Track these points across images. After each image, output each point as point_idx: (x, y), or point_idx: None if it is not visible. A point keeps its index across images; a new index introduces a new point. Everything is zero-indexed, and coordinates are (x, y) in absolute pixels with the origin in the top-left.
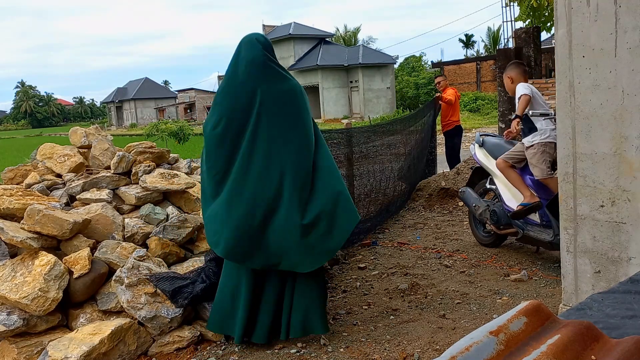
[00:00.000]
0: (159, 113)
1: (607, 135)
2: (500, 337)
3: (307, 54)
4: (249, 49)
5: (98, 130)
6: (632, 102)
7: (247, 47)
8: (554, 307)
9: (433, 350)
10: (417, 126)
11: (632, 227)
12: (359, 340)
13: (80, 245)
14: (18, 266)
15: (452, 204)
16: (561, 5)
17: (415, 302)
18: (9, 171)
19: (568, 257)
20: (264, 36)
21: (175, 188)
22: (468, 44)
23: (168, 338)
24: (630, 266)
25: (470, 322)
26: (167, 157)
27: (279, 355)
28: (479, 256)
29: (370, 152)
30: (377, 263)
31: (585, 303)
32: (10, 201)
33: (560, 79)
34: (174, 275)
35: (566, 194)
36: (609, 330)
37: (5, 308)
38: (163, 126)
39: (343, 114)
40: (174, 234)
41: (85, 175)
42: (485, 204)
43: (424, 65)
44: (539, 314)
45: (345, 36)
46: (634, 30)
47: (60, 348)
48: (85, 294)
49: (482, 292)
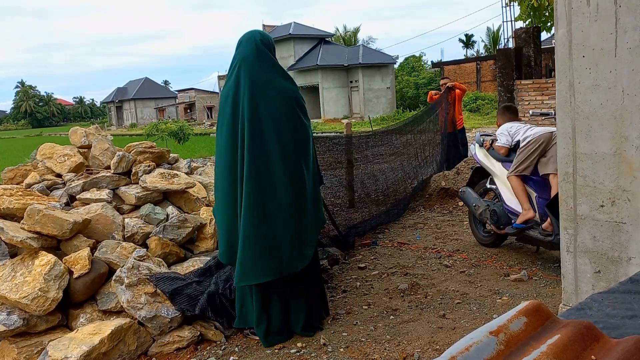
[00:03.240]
0: (159, 113)
1: (607, 135)
2: (500, 337)
3: (307, 54)
4: (245, 46)
5: (98, 130)
6: (632, 102)
7: (244, 44)
8: (554, 307)
9: (433, 350)
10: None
11: (632, 227)
12: (359, 340)
13: (80, 245)
14: (18, 266)
15: (452, 204)
16: (561, 5)
17: (415, 302)
18: (9, 171)
19: (568, 257)
20: (261, 33)
21: (175, 188)
22: (468, 44)
23: (168, 338)
24: (630, 266)
25: (470, 322)
26: (167, 157)
27: (279, 355)
28: (479, 256)
29: (374, 155)
30: (377, 263)
31: (585, 303)
32: (10, 201)
33: (560, 79)
34: (174, 275)
35: (566, 194)
36: (609, 330)
37: (5, 308)
38: (163, 126)
39: (343, 114)
40: (174, 233)
41: (85, 175)
42: (485, 203)
43: (424, 65)
44: (539, 314)
45: (345, 36)
46: (634, 30)
47: (60, 348)
48: (85, 294)
49: (482, 292)
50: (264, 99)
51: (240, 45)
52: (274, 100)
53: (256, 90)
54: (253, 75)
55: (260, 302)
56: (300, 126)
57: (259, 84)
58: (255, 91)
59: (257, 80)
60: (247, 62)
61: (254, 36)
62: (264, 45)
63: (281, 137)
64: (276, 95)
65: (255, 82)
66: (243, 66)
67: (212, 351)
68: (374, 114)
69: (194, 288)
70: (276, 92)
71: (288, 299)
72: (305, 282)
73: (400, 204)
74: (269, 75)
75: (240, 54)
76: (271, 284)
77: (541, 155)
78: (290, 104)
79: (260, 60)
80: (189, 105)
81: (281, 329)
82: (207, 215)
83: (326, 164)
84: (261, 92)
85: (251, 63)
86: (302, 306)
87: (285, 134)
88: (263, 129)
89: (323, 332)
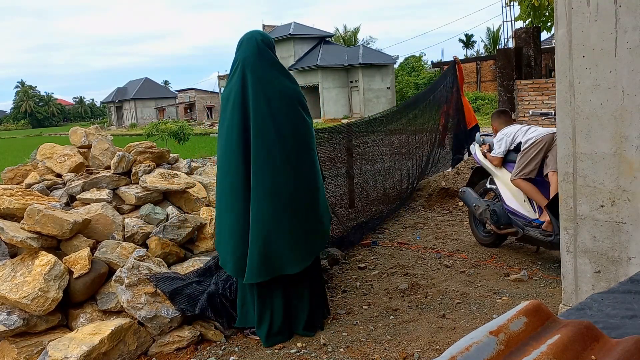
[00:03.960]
0: (159, 113)
1: (607, 135)
2: (500, 337)
3: (307, 54)
4: (246, 46)
5: (98, 130)
6: (632, 102)
7: (245, 45)
8: (554, 307)
9: (433, 350)
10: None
11: (632, 227)
12: (359, 340)
13: (80, 245)
14: (18, 266)
15: (452, 204)
16: (561, 5)
17: (415, 302)
18: (9, 171)
19: (568, 257)
20: (261, 33)
21: (175, 188)
22: (468, 44)
23: (168, 338)
24: (630, 266)
25: (470, 322)
26: (167, 157)
27: (279, 355)
28: (479, 256)
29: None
30: (377, 263)
31: (585, 303)
32: (10, 201)
33: (560, 79)
34: (174, 275)
35: (566, 194)
36: (609, 330)
37: (5, 308)
38: (163, 126)
39: (343, 114)
40: (174, 234)
41: (85, 175)
42: (485, 203)
43: (424, 65)
44: (539, 314)
45: (345, 36)
46: (634, 30)
47: (60, 348)
48: (85, 294)
49: (482, 292)
50: (266, 98)
51: (241, 45)
52: (276, 98)
53: (258, 90)
54: (255, 74)
55: (261, 302)
56: (302, 124)
57: (261, 83)
58: (257, 90)
59: (259, 80)
60: (248, 62)
61: (255, 36)
62: (265, 45)
63: (284, 135)
64: (278, 94)
65: (257, 82)
66: (245, 66)
67: (212, 351)
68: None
69: (194, 288)
70: (278, 91)
71: (291, 298)
72: (308, 281)
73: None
74: (270, 74)
75: (242, 54)
76: (274, 283)
77: (545, 156)
78: (292, 103)
79: (262, 59)
80: (189, 105)
81: (282, 328)
82: (207, 215)
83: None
84: (263, 91)
85: (253, 63)
86: (304, 305)
87: (287, 132)
88: (266, 128)
89: (323, 332)
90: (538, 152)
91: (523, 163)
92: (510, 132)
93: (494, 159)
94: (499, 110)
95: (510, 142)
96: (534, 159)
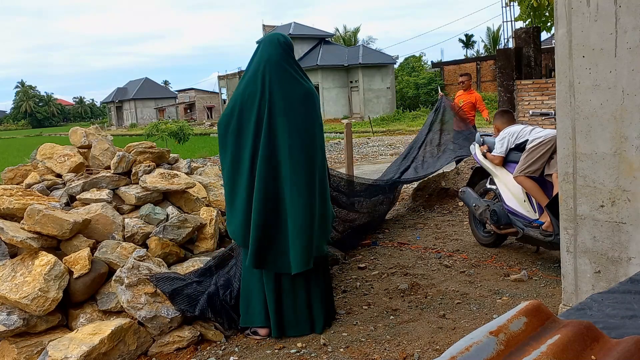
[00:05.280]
0: (159, 113)
1: (607, 135)
2: (500, 337)
3: (307, 54)
4: (267, 47)
5: (98, 130)
6: (632, 102)
7: (266, 46)
8: (554, 307)
9: (433, 350)
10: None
11: (632, 227)
12: (359, 340)
13: (80, 245)
14: (18, 266)
15: (452, 204)
16: (561, 5)
17: (415, 302)
18: (9, 171)
19: (568, 257)
20: (284, 37)
21: (175, 188)
22: (468, 44)
23: (168, 338)
24: (630, 266)
25: (470, 322)
26: (167, 157)
27: (279, 356)
28: (479, 256)
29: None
30: (377, 263)
31: (585, 303)
32: (10, 201)
33: (560, 79)
34: (174, 275)
35: (566, 194)
36: (609, 330)
37: (5, 308)
38: (163, 126)
39: (343, 114)
40: (174, 234)
41: (85, 175)
42: (485, 204)
43: (424, 65)
44: (539, 314)
45: (345, 36)
46: (634, 30)
47: (60, 348)
48: (85, 294)
49: (482, 292)
50: (289, 100)
51: (262, 47)
52: (296, 99)
53: (283, 91)
54: (279, 76)
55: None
56: (318, 125)
57: (284, 84)
58: (282, 91)
59: (283, 81)
60: (271, 63)
61: (277, 38)
62: (287, 47)
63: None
64: (302, 95)
65: (281, 83)
66: (268, 67)
67: (212, 351)
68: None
69: (194, 288)
70: (302, 92)
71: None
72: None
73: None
74: (293, 76)
75: (264, 55)
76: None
77: (550, 157)
78: (313, 104)
79: (285, 62)
80: (189, 105)
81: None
82: (207, 215)
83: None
84: (288, 92)
85: (276, 64)
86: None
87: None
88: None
89: (323, 332)
90: (545, 151)
91: (529, 161)
92: (513, 131)
93: (494, 158)
94: (501, 110)
95: (512, 142)
96: (540, 158)
